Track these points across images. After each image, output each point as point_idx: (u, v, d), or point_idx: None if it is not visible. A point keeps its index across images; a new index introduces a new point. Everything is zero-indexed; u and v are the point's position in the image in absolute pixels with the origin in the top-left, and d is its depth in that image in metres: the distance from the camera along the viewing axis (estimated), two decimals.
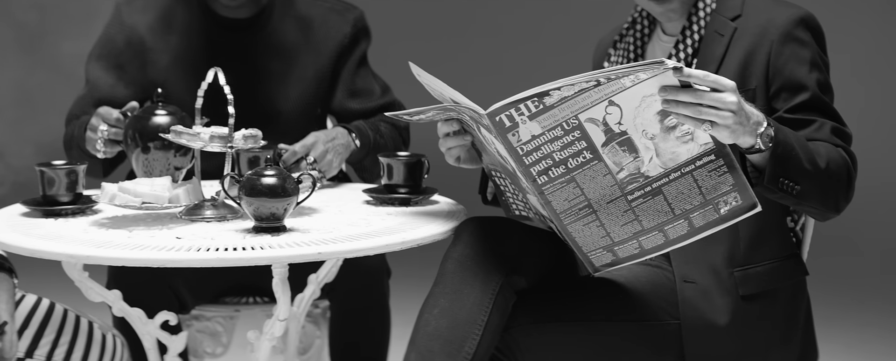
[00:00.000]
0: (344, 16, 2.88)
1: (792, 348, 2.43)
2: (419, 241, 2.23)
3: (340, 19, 2.87)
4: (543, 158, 2.14)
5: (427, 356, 2.18)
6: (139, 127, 2.34)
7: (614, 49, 2.55)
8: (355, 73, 2.88)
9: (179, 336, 2.44)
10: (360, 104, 2.86)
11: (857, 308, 4.69)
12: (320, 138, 2.63)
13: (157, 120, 2.33)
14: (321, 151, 2.61)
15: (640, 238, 2.22)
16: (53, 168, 2.37)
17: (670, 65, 2.02)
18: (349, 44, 2.88)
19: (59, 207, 2.38)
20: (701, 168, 2.17)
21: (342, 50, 2.87)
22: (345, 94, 2.86)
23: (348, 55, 2.88)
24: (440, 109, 2.25)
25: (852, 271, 5.07)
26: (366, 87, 2.88)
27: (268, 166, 2.16)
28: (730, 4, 2.42)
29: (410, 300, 2.31)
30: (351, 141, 2.71)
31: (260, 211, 2.16)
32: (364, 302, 2.79)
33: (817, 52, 2.37)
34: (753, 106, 2.17)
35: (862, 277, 5.06)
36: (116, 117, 2.49)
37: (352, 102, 2.86)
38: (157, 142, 2.32)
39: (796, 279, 2.46)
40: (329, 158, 2.63)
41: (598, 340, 2.36)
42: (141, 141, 2.34)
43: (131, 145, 2.35)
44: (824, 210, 2.29)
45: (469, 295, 2.25)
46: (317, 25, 2.85)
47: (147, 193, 2.24)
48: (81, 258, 2.11)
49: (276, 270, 2.16)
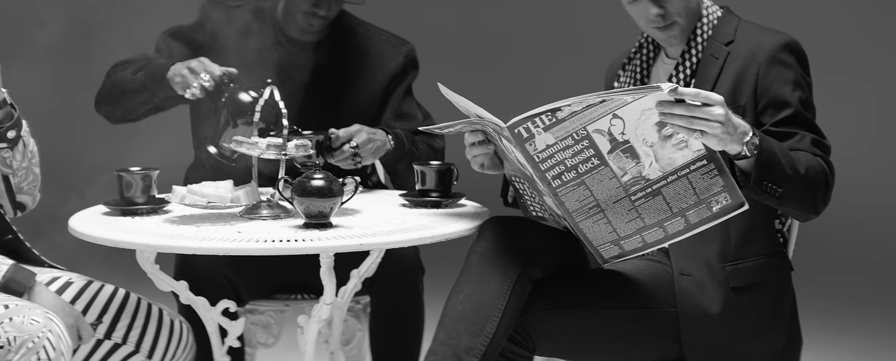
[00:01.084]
0: (398, 48, 3.16)
1: (778, 335, 2.60)
2: (447, 236, 2.48)
3: (394, 51, 3.15)
4: (557, 164, 2.36)
5: (453, 335, 2.40)
6: (232, 106, 2.62)
7: (623, 70, 2.75)
8: (402, 99, 3.15)
9: (238, 322, 2.67)
10: (404, 125, 3.11)
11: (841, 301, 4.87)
12: (364, 128, 2.90)
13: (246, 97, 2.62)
14: (364, 139, 2.88)
15: (643, 233, 2.43)
16: (130, 173, 2.62)
17: (666, 90, 2.25)
18: (400, 73, 3.15)
19: (135, 207, 2.63)
20: (695, 171, 2.38)
21: (393, 77, 3.14)
22: (391, 116, 3.12)
23: (398, 83, 3.15)
24: (466, 123, 2.48)
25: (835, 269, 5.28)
26: (410, 112, 3.14)
27: (316, 170, 2.46)
28: (724, 31, 2.61)
29: (442, 294, 2.55)
30: (387, 141, 2.96)
31: (310, 210, 2.44)
32: (400, 296, 2.99)
33: (800, 73, 2.56)
34: (741, 118, 2.36)
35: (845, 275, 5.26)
36: (220, 73, 2.76)
37: (397, 123, 3.11)
38: (243, 120, 2.60)
39: (782, 274, 2.63)
40: (369, 147, 2.88)
41: (604, 325, 2.55)
42: (232, 118, 2.61)
43: (223, 120, 2.62)
44: (804, 211, 2.47)
45: (490, 283, 2.46)
46: (373, 55, 3.13)
47: (212, 194, 2.53)
48: (157, 247, 2.39)
49: (324, 260, 2.43)
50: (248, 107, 2.60)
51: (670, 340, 2.58)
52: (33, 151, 2.71)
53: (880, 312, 4.71)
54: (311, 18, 3.03)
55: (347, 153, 2.84)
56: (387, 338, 3.03)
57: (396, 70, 3.15)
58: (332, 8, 3.04)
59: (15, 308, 2.31)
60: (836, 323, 4.54)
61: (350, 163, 2.84)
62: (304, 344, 2.56)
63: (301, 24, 3.05)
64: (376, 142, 2.94)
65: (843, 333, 4.46)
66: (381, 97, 3.14)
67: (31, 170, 2.70)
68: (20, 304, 2.34)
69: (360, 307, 3.07)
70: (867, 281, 5.16)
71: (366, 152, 2.90)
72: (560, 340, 2.57)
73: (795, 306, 2.67)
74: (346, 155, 2.84)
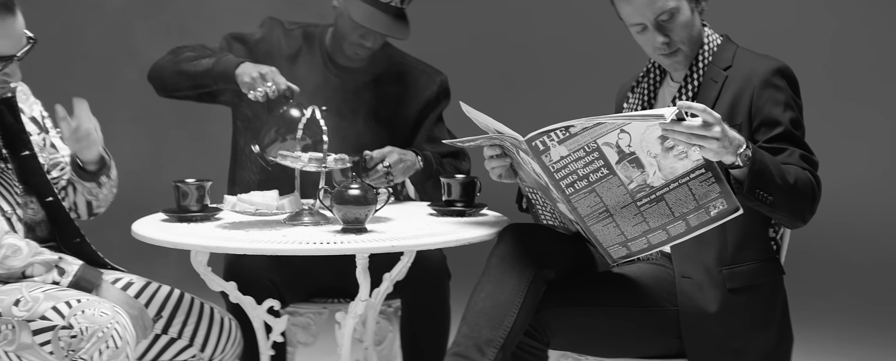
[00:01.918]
0: (432, 77, 3.41)
1: (770, 334, 2.75)
2: (470, 240, 2.71)
3: (429, 80, 3.40)
4: (570, 174, 2.56)
5: (475, 328, 2.61)
6: (284, 120, 2.84)
7: (632, 93, 2.95)
8: (434, 125, 3.38)
9: (281, 320, 2.89)
10: (433, 148, 3.33)
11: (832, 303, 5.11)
12: (395, 150, 3.14)
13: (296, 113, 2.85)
14: (395, 159, 3.12)
15: (648, 235, 2.62)
16: (186, 184, 2.87)
17: (668, 118, 2.44)
18: (433, 100, 3.39)
19: (190, 214, 2.87)
20: (694, 179, 2.55)
21: (427, 104, 3.38)
22: (423, 139, 3.35)
23: (431, 109, 3.39)
24: (487, 138, 2.71)
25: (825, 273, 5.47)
26: (440, 137, 3.35)
27: (353, 181, 2.72)
28: (723, 57, 2.80)
29: (467, 297, 2.76)
30: (417, 161, 3.20)
31: (347, 216, 2.69)
32: (428, 299, 3.20)
33: (791, 96, 2.74)
34: (736, 132, 2.54)
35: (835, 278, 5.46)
36: (285, 87, 3.01)
37: (427, 146, 3.34)
38: (291, 135, 2.83)
39: (775, 277, 2.79)
40: (400, 166, 3.12)
41: (611, 322, 2.74)
42: (282, 133, 2.84)
43: (276, 135, 2.85)
44: (793, 218, 2.64)
45: (509, 282, 2.66)
46: (410, 82, 3.37)
47: (260, 203, 2.79)
48: (211, 248, 2.63)
49: (359, 260, 2.67)
50: (296, 123, 2.83)
51: (672, 336, 2.75)
52: (115, 178, 2.97)
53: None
54: (359, 49, 3.27)
55: (381, 172, 3.08)
56: (416, 338, 3.24)
57: (430, 98, 3.39)
58: (377, 40, 3.27)
59: (86, 302, 2.56)
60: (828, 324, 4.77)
61: (383, 181, 3.08)
62: (342, 338, 2.79)
63: (348, 53, 3.29)
64: (407, 162, 3.17)
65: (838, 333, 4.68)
66: (415, 121, 3.37)
67: (112, 192, 2.98)
68: (90, 299, 2.59)
69: (391, 310, 3.28)
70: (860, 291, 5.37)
71: (397, 171, 3.13)
72: (571, 335, 2.75)
73: (787, 307, 2.83)
74: (380, 174, 3.08)
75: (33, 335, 2.55)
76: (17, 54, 2.66)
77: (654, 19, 2.76)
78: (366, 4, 3.22)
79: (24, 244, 2.66)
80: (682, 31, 2.78)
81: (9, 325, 2.58)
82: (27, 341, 2.56)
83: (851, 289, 5.40)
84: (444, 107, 3.44)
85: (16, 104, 2.80)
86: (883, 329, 4.78)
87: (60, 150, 2.94)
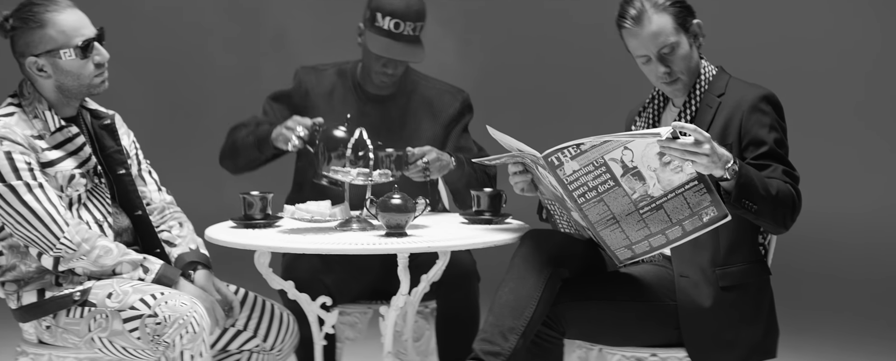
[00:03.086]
0: (455, 96, 3.73)
1: (758, 327, 3.01)
2: (496, 243, 3.05)
3: (452, 98, 3.73)
4: (581, 186, 2.85)
5: (499, 317, 2.91)
6: (327, 143, 3.17)
7: (639, 117, 3.21)
8: (460, 136, 3.70)
9: (332, 314, 3.23)
10: (463, 155, 3.63)
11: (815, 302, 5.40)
12: (434, 149, 3.47)
13: (338, 134, 3.19)
14: (433, 156, 3.44)
15: (650, 239, 2.88)
16: (251, 195, 3.22)
17: (664, 136, 2.75)
18: (457, 115, 3.72)
19: (254, 221, 3.22)
20: (688, 190, 2.81)
21: (452, 119, 3.70)
22: (451, 149, 3.64)
23: (456, 123, 3.71)
24: (509, 156, 3.03)
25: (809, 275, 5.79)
26: (467, 145, 3.68)
27: (395, 191, 3.08)
28: (717, 86, 3.07)
29: None
30: (451, 161, 3.50)
31: (390, 222, 3.05)
32: (460, 299, 3.50)
33: (776, 119, 2.99)
34: (725, 150, 2.78)
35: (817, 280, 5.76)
36: (310, 124, 3.34)
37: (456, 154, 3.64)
38: (336, 153, 3.18)
39: (762, 277, 3.03)
40: (437, 164, 3.44)
41: (618, 314, 3.01)
42: (327, 152, 3.18)
43: (320, 157, 3.19)
44: (775, 225, 2.90)
45: (529, 279, 2.94)
46: (435, 102, 3.70)
47: (315, 211, 3.15)
48: (274, 248, 3.00)
49: (401, 259, 3.02)
50: (340, 141, 3.16)
51: (671, 328, 3.00)
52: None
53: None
54: (383, 77, 3.61)
55: (420, 167, 3.40)
56: (449, 335, 3.55)
57: (454, 114, 3.72)
58: (398, 67, 3.59)
59: (168, 294, 2.91)
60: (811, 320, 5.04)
61: (421, 175, 3.41)
62: (385, 329, 3.15)
63: (376, 82, 3.63)
64: (443, 161, 3.46)
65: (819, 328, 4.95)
66: (443, 135, 3.68)
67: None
68: (172, 292, 2.94)
69: (428, 311, 3.60)
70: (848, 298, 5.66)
71: (434, 168, 3.44)
72: (584, 326, 3.03)
73: (773, 303, 3.07)
74: (419, 168, 3.40)
75: (123, 322, 2.90)
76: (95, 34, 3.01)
77: (657, 52, 3.02)
78: (381, 37, 3.55)
79: (115, 246, 3.01)
80: (681, 62, 3.04)
81: (102, 315, 2.92)
82: (118, 328, 2.91)
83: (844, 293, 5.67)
84: (469, 120, 3.75)
85: (116, 130, 3.15)
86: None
87: (147, 185, 3.25)
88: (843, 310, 5.51)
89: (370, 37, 3.60)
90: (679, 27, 3.05)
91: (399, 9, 3.56)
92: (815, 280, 5.86)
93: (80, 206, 3.05)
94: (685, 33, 3.06)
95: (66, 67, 3.01)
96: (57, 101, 3.05)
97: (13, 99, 3.06)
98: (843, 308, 5.54)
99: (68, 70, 3.01)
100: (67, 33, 2.99)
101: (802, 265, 5.79)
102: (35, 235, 2.97)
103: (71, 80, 3.02)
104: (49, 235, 2.96)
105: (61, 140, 3.05)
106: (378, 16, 3.58)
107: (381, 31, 3.57)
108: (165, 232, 3.21)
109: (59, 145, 3.05)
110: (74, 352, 3.05)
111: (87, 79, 3.03)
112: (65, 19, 3.00)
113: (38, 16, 2.98)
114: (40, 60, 3.00)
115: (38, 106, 3.03)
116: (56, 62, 3.00)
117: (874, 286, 5.84)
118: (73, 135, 3.06)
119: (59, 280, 3.02)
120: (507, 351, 2.90)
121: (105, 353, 3.00)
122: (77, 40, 3.00)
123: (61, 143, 3.05)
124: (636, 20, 3.04)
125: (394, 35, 3.57)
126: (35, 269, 3.03)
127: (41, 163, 3.00)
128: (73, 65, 3.01)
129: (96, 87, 3.06)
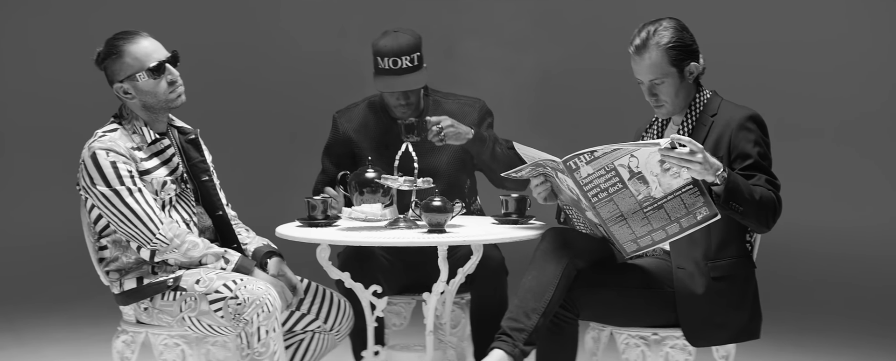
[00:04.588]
0: (473, 106, 4.04)
1: (744, 312, 3.33)
2: (521, 238, 3.45)
3: (471, 109, 4.03)
4: (594, 187, 3.18)
5: (523, 300, 3.28)
6: (358, 180, 3.62)
7: (646, 132, 3.55)
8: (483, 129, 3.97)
9: (382, 300, 3.65)
10: None
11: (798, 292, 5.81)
12: (450, 117, 3.80)
13: (368, 174, 3.65)
14: (448, 123, 3.76)
15: (652, 234, 3.19)
16: (314, 199, 3.66)
17: (664, 145, 3.12)
18: (479, 120, 3.99)
19: (317, 221, 3.64)
20: (685, 193, 3.12)
21: (474, 124, 3.92)
22: None
23: (478, 126, 3.92)
24: (532, 166, 3.41)
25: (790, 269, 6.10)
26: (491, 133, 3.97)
27: (436, 196, 3.56)
28: (710, 107, 3.38)
29: None
30: (469, 132, 3.79)
31: (431, 221, 3.50)
32: (490, 291, 3.83)
33: (760, 136, 3.28)
34: (716, 159, 3.10)
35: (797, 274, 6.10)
36: (333, 194, 3.75)
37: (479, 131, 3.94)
38: (367, 189, 3.62)
39: (748, 270, 3.35)
40: (450, 130, 3.74)
41: (625, 299, 3.35)
42: (359, 187, 3.63)
43: (353, 192, 3.64)
44: (759, 224, 3.21)
45: (549, 268, 3.28)
46: (457, 114, 3.96)
47: (368, 212, 3.61)
48: (333, 240, 3.43)
49: (441, 251, 3.46)
50: (369, 181, 3.50)
51: (670, 311, 3.32)
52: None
53: None
54: (398, 108, 3.93)
55: (434, 131, 3.71)
56: (481, 322, 3.93)
57: (476, 119, 4.00)
58: (410, 96, 3.91)
59: (247, 280, 3.35)
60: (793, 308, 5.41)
61: (436, 139, 3.68)
62: (427, 312, 3.60)
63: (396, 114, 3.93)
64: (459, 129, 3.75)
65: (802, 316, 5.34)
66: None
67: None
68: (249, 278, 3.38)
69: (464, 302, 4.01)
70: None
71: (449, 134, 3.72)
72: (596, 308, 3.38)
73: (758, 292, 3.39)
74: (433, 132, 3.70)
75: (209, 304, 3.29)
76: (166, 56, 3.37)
77: (649, 82, 3.37)
78: (384, 76, 3.89)
79: (200, 241, 3.42)
80: (666, 93, 3.36)
81: (192, 298, 3.32)
82: (205, 308, 3.30)
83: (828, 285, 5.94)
84: (490, 122, 4.03)
85: (200, 143, 3.60)
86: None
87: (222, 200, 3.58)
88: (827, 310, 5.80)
89: (376, 79, 3.93)
90: (673, 66, 3.33)
91: (393, 49, 3.89)
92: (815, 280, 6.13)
93: (171, 208, 3.45)
94: (679, 72, 3.35)
95: (144, 88, 3.42)
96: (148, 118, 3.50)
97: (115, 119, 3.53)
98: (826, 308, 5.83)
99: (146, 90, 3.42)
100: (141, 59, 3.39)
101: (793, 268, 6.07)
102: (135, 232, 3.41)
103: (150, 98, 3.42)
104: (147, 232, 3.39)
105: (155, 151, 3.50)
106: (378, 59, 3.91)
107: (383, 72, 3.90)
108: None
109: (153, 156, 3.49)
110: (167, 330, 3.44)
111: (164, 96, 3.44)
112: (137, 48, 3.40)
113: (117, 48, 3.43)
114: (124, 85, 3.45)
115: (135, 122, 3.48)
116: (135, 84, 3.43)
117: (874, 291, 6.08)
118: (164, 147, 3.52)
119: (155, 269, 3.42)
120: (530, 328, 3.28)
121: (194, 330, 3.39)
122: (149, 64, 3.40)
123: (155, 154, 3.50)
124: (639, 49, 3.35)
125: (394, 71, 3.88)
126: (134, 260, 3.43)
127: (139, 171, 3.45)
128: (149, 85, 3.42)
129: (173, 102, 3.45)
